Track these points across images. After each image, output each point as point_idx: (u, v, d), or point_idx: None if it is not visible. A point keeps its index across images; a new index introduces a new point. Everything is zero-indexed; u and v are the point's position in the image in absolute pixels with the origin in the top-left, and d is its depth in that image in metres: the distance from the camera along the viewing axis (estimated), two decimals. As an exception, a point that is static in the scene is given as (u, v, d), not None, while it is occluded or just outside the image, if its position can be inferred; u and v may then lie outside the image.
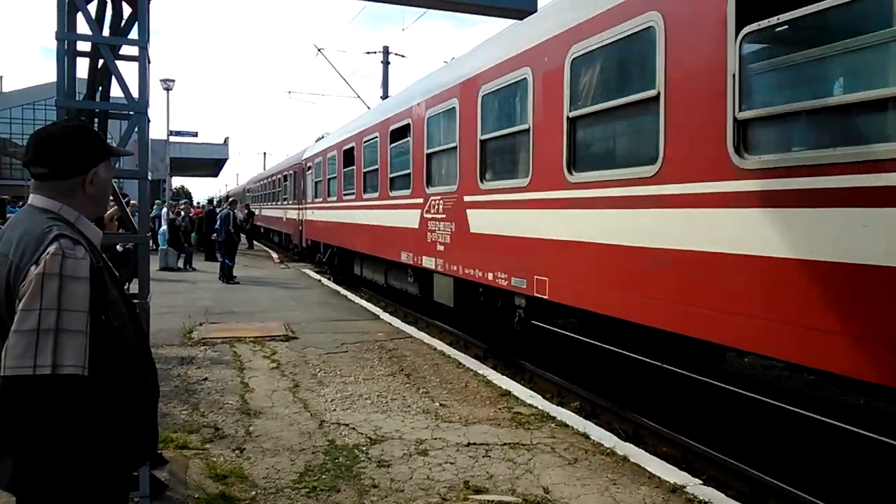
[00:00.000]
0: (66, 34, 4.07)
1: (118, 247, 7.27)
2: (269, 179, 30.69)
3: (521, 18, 5.12)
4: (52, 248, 1.71)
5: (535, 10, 4.80)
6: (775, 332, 3.89)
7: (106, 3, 4.50)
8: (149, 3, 4.26)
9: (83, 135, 1.96)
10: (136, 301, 4.16)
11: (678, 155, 4.64)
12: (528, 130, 6.56)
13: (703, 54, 4.38)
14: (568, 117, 5.86)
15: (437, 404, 6.01)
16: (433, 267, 9.16)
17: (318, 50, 23.44)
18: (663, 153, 4.73)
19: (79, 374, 1.68)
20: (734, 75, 4.09)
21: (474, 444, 4.98)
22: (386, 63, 23.85)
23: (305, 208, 19.75)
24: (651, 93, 4.81)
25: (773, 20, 3.83)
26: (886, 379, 3.33)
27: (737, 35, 4.06)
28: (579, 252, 5.81)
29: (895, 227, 3.25)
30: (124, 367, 1.88)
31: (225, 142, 58.92)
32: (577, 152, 5.88)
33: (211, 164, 60.53)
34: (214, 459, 4.57)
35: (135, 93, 4.24)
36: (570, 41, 5.81)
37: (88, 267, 1.75)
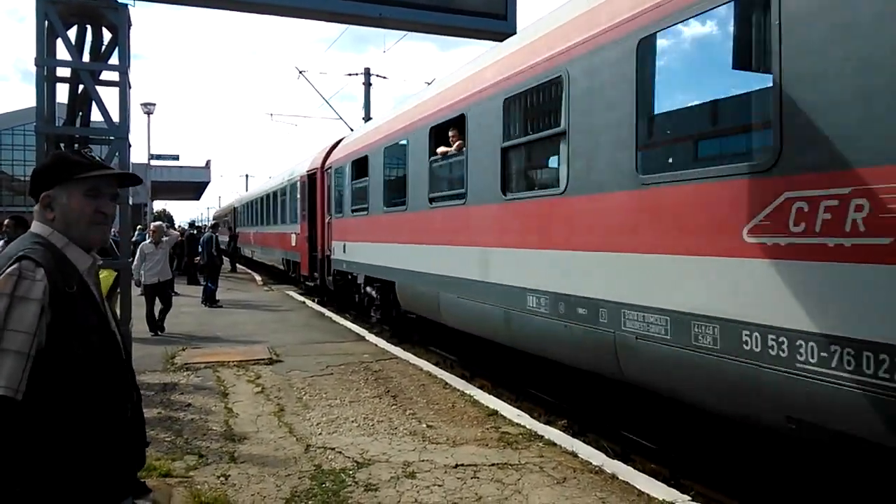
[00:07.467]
0: (45, 60, 4.06)
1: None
2: (224, 213, 49.70)
3: (501, 40, 5.16)
4: (9, 269, 1.74)
5: (515, 33, 4.84)
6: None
7: (86, 28, 4.49)
8: (129, 28, 4.26)
9: (49, 161, 2.03)
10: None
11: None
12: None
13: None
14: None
15: (425, 426, 5.97)
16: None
17: (300, 72, 23.50)
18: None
19: (9, 396, 1.66)
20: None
21: (462, 465, 4.95)
22: (368, 84, 23.98)
23: (238, 231, 36.43)
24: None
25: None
26: None
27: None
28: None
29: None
30: (90, 397, 1.83)
31: (207, 165, 58.66)
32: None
33: (193, 188, 60.18)
34: (199, 487, 4.50)
35: (115, 118, 4.23)
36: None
37: (43, 290, 1.74)
